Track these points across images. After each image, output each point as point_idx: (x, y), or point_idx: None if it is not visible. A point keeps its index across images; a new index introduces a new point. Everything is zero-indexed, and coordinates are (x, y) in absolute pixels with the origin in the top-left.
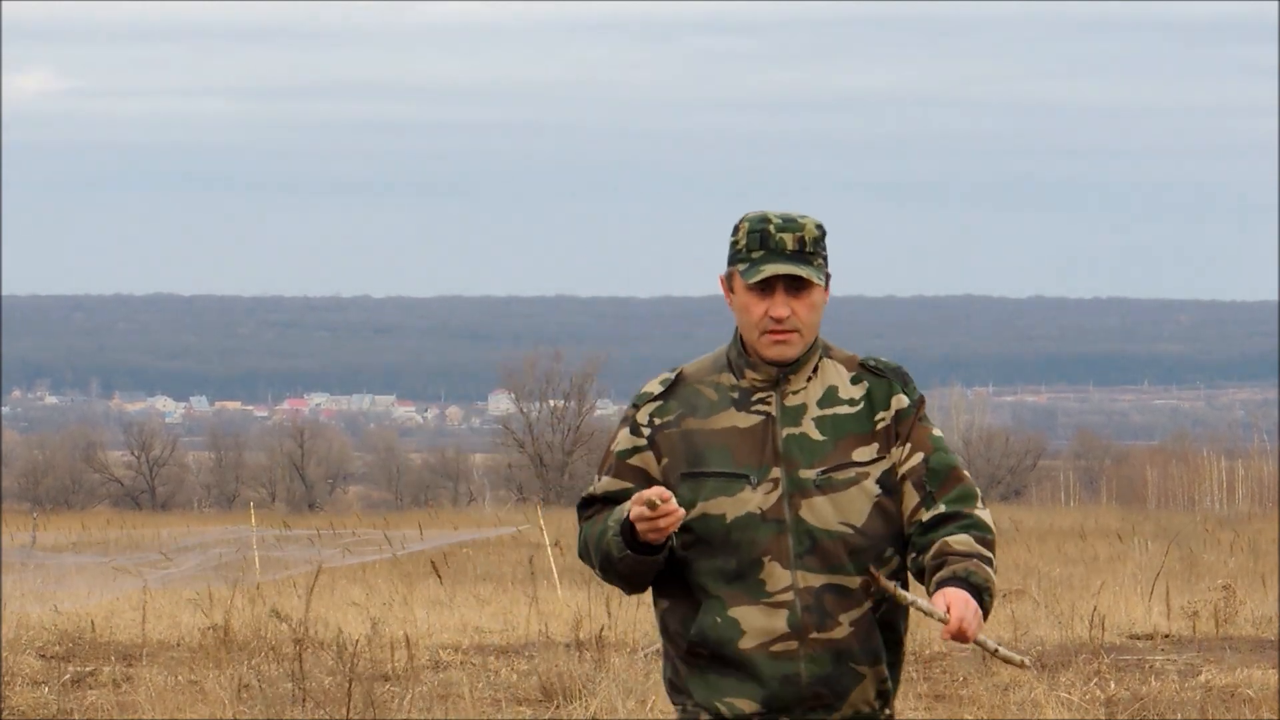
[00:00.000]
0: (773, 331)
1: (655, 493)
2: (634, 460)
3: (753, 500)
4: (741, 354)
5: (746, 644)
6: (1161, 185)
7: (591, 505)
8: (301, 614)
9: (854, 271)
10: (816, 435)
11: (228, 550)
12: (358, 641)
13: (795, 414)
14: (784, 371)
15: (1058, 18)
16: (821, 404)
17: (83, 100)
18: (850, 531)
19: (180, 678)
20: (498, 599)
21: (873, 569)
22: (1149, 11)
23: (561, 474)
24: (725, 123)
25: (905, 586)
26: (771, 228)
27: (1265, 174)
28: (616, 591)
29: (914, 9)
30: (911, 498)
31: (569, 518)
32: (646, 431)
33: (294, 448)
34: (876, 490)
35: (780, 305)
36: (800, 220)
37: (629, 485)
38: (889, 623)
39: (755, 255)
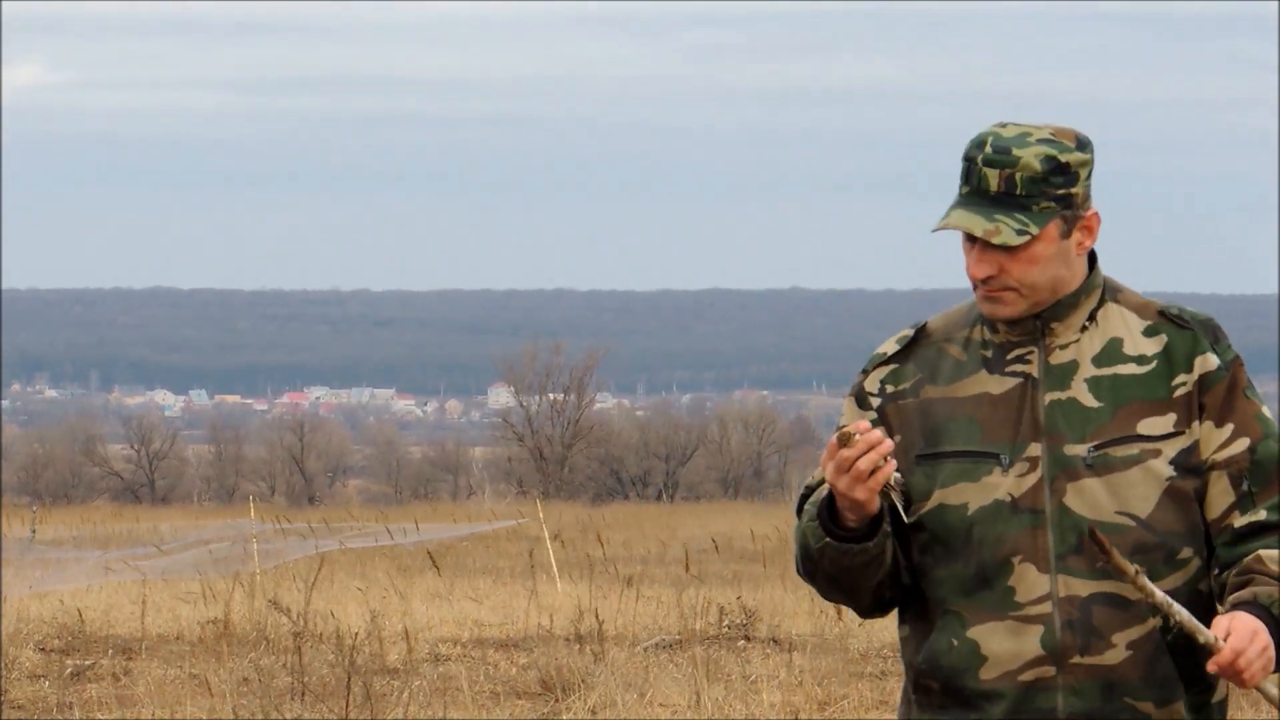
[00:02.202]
0: (982, 288)
1: (850, 425)
2: None
3: (1002, 485)
4: None
5: (988, 673)
6: (1160, 178)
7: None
8: (301, 607)
9: (852, 267)
10: (1090, 401)
11: (223, 547)
12: (357, 635)
13: (1063, 374)
14: (1047, 320)
15: (1052, 11)
16: (1099, 361)
17: (76, 93)
18: (1131, 524)
19: (180, 671)
20: (497, 592)
21: (1096, 530)
22: (1148, 8)
23: (561, 467)
24: (724, 117)
25: (1204, 603)
26: (981, 157)
27: (1266, 167)
28: (616, 585)
29: (908, 3)
30: (1223, 495)
31: (569, 511)
32: (876, 402)
33: (294, 441)
34: (1169, 473)
35: (978, 261)
36: (1017, 153)
37: None
38: (1186, 648)
39: (961, 191)
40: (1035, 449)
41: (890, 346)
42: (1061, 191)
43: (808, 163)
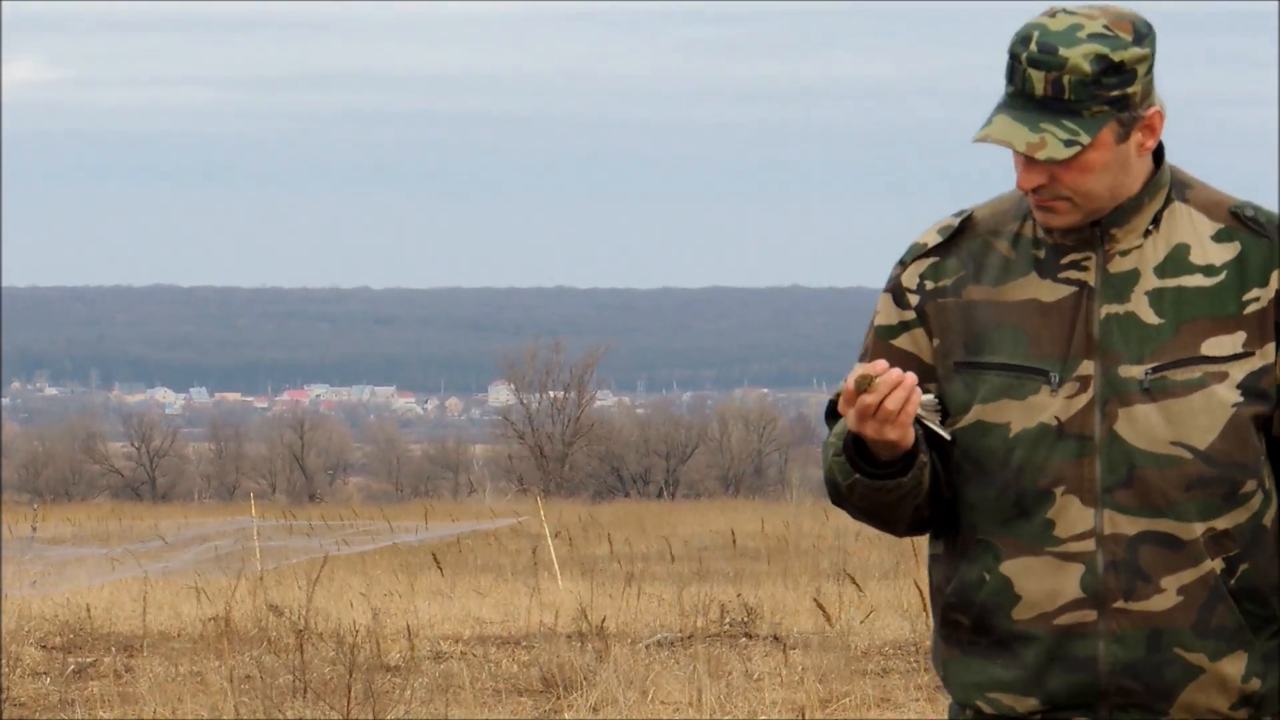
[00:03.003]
0: (1034, 197)
1: (866, 368)
2: (900, 341)
3: (1050, 407)
4: None
5: (1022, 613)
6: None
7: (836, 415)
8: (302, 605)
9: (852, 265)
10: (1150, 316)
11: (226, 544)
12: (358, 632)
13: (1122, 284)
14: (1107, 226)
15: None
16: (1163, 270)
17: (75, 90)
18: (1188, 455)
19: (181, 669)
20: (498, 590)
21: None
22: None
23: (562, 465)
24: (725, 114)
25: (1269, 540)
26: (1025, 55)
27: (1265, 164)
28: (619, 582)
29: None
30: None
31: (569, 508)
32: (915, 300)
33: (294, 439)
34: (1236, 398)
35: (1026, 170)
36: (1064, 53)
37: None
38: (1251, 591)
39: (1006, 91)
40: (1088, 367)
41: (932, 236)
42: (1116, 93)
43: (808, 160)
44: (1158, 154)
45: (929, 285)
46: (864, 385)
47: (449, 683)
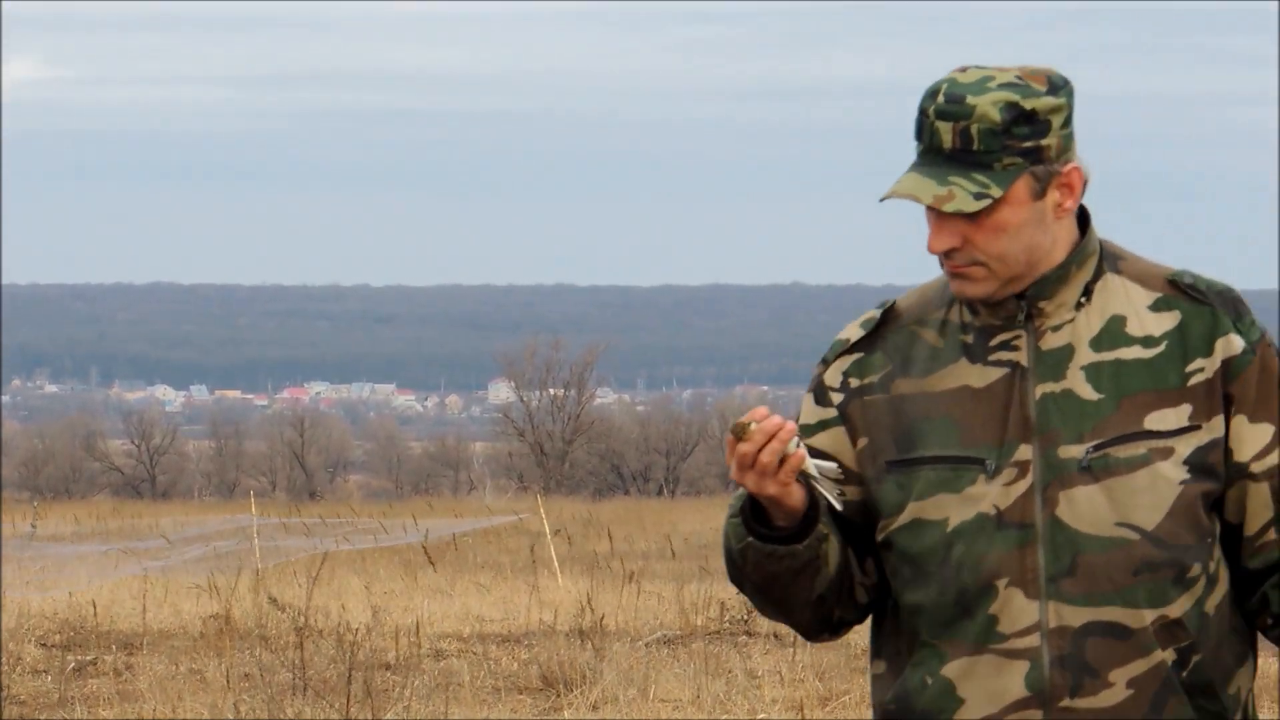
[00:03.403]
0: (947, 264)
1: (748, 415)
2: (818, 440)
3: (987, 496)
4: None
5: (965, 715)
6: (1158, 173)
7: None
8: (302, 603)
9: (852, 262)
10: (1089, 392)
11: (225, 542)
12: (358, 630)
13: (1057, 361)
14: (1033, 299)
15: (1050, 7)
16: (1099, 344)
17: (74, 88)
18: (1135, 537)
19: (181, 667)
20: (498, 587)
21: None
22: (1147, 5)
23: (562, 463)
24: (726, 112)
25: (1215, 627)
26: (933, 108)
27: (1265, 161)
28: (618, 580)
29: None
30: (1264, 510)
31: (569, 506)
32: (838, 398)
33: (294, 436)
34: (1183, 475)
35: (937, 232)
36: (972, 102)
37: None
38: (1204, 685)
39: (919, 150)
40: (1025, 451)
41: (854, 331)
42: (1029, 144)
43: (809, 159)
44: (1083, 221)
45: (853, 383)
46: (739, 433)
47: (449, 681)
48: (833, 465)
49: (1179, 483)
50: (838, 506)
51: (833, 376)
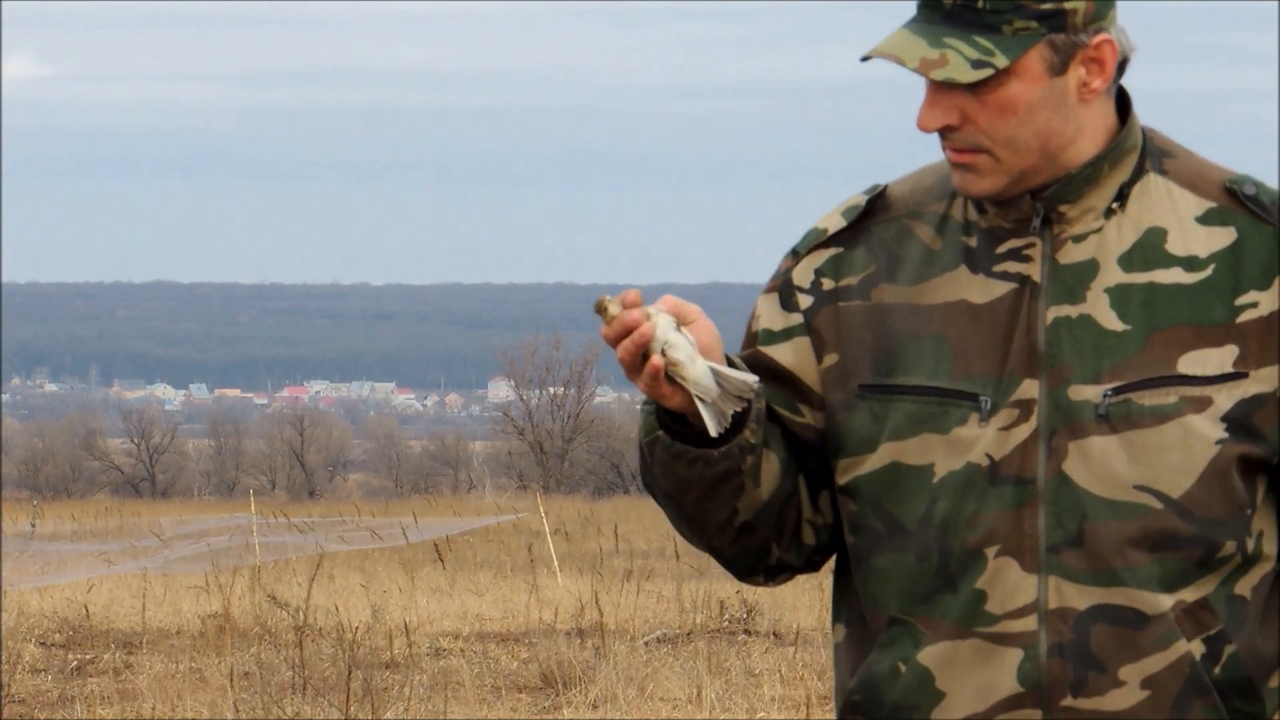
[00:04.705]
0: (947, 147)
1: (611, 299)
2: (775, 351)
3: (980, 442)
4: None
5: (946, 715)
6: None
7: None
8: (302, 601)
9: None
10: (1112, 321)
11: (224, 542)
12: (357, 629)
13: (1076, 279)
14: (1052, 201)
15: None
16: (1130, 262)
17: (74, 86)
18: (1157, 505)
19: (180, 665)
20: (498, 586)
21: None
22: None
23: (561, 461)
24: (726, 110)
25: (1242, 611)
26: None
27: (1266, 160)
28: (617, 579)
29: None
30: None
31: (569, 505)
32: (805, 302)
33: (294, 435)
34: (1220, 433)
35: (929, 105)
36: None
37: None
38: (1241, 683)
39: (916, 4)
40: (1030, 389)
41: (833, 220)
42: (1049, 5)
43: (809, 156)
44: (1124, 108)
45: (826, 284)
46: (599, 310)
47: (448, 679)
48: (745, 379)
49: (1215, 442)
50: (712, 433)
51: (802, 274)
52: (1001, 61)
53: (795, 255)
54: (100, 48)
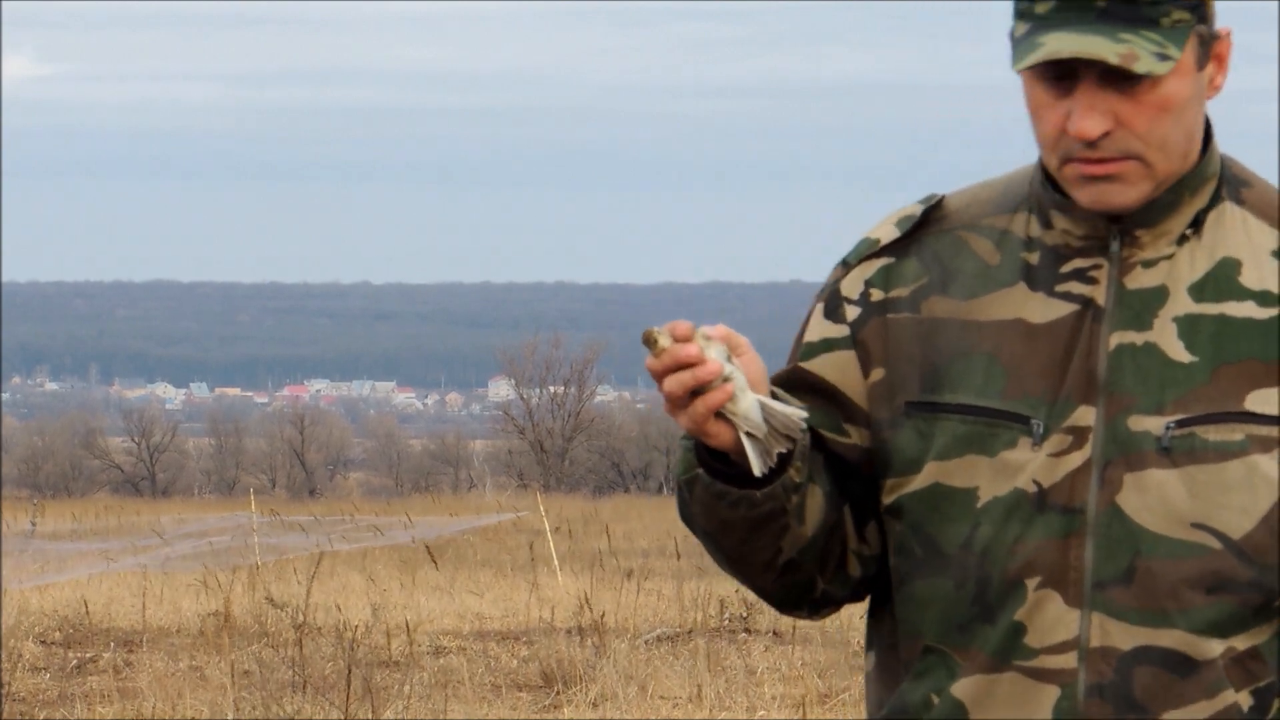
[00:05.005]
0: (1083, 160)
1: (661, 329)
2: (816, 364)
3: (1028, 467)
4: (1049, 186)
5: None
6: None
7: None
8: (302, 600)
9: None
10: (1179, 352)
11: (224, 541)
12: (357, 628)
13: (1143, 305)
14: (1135, 222)
15: None
16: (1201, 293)
17: (74, 86)
18: (1215, 545)
19: (181, 664)
20: (498, 585)
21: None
22: None
23: (562, 460)
24: (726, 109)
25: None
26: None
27: (1267, 158)
28: (617, 577)
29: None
30: None
31: (569, 504)
32: (853, 314)
33: (294, 434)
34: None
35: (1086, 111)
36: None
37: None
38: None
39: (1032, 9)
40: (1086, 415)
41: (887, 230)
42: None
43: (809, 155)
44: (1205, 132)
45: (875, 295)
46: (648, 344)
47: (448, 678)
48: (796, 415)
49: None
50: (756, 472)
51: (851, 285)
52: (1175, 53)
53: (845, 266)
54: (100, 47)
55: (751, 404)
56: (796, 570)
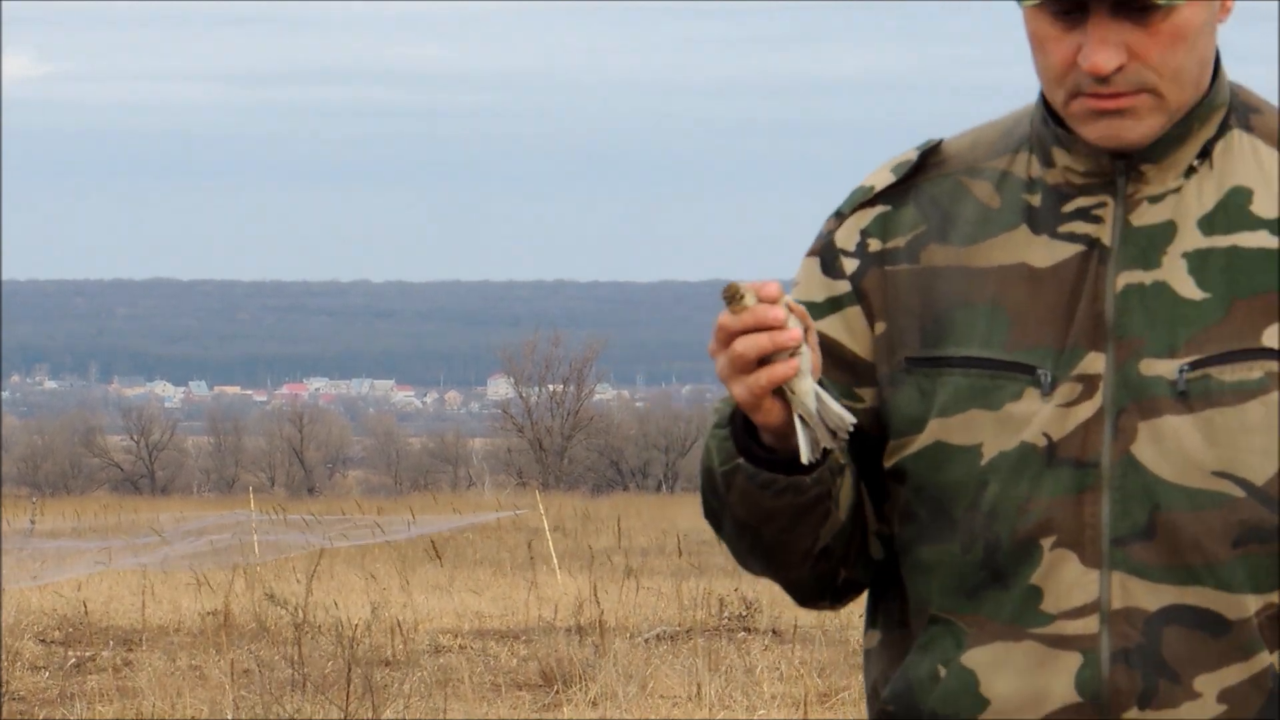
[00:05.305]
0: (1093, 95)
1: (748, 285)
2: (826, 325)
3: (1036, 419)
4: (1050, 122)
5: None
6: None
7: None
8: (301, 599)
9: None
10: (1190, 289)
11: (224, 539)
12: (357, 626)
13: (1150, 242)
14: (1141, 156)
15: None
16: (1211, 225)
17: (74, 85)
18: (1239, 493)
19: (180, 663)
20: (497, 583)
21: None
22: None
23: (561, 458)
24: (725, 108)
25: None
26: None
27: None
28: (617, 576)
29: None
30: None
31: (568, 502)
32: (853, 265)
33: (293, 432)
34: None
35: (1100, 43)
36: None
37: None
38: None
39: None
40: (1095, 362)
41: (882, 176)
42: None
43: (808, 154)
44: (1215, 59)
45: (873, 245)
46: (731, 297)
47: (447, 677)
48: (848, 416)
49: None
50: (805, 459)
51: (847, 236)
52: None
53: (839, 216)
54: (100, 46)
55: (809, 389)
56: (828, 557)
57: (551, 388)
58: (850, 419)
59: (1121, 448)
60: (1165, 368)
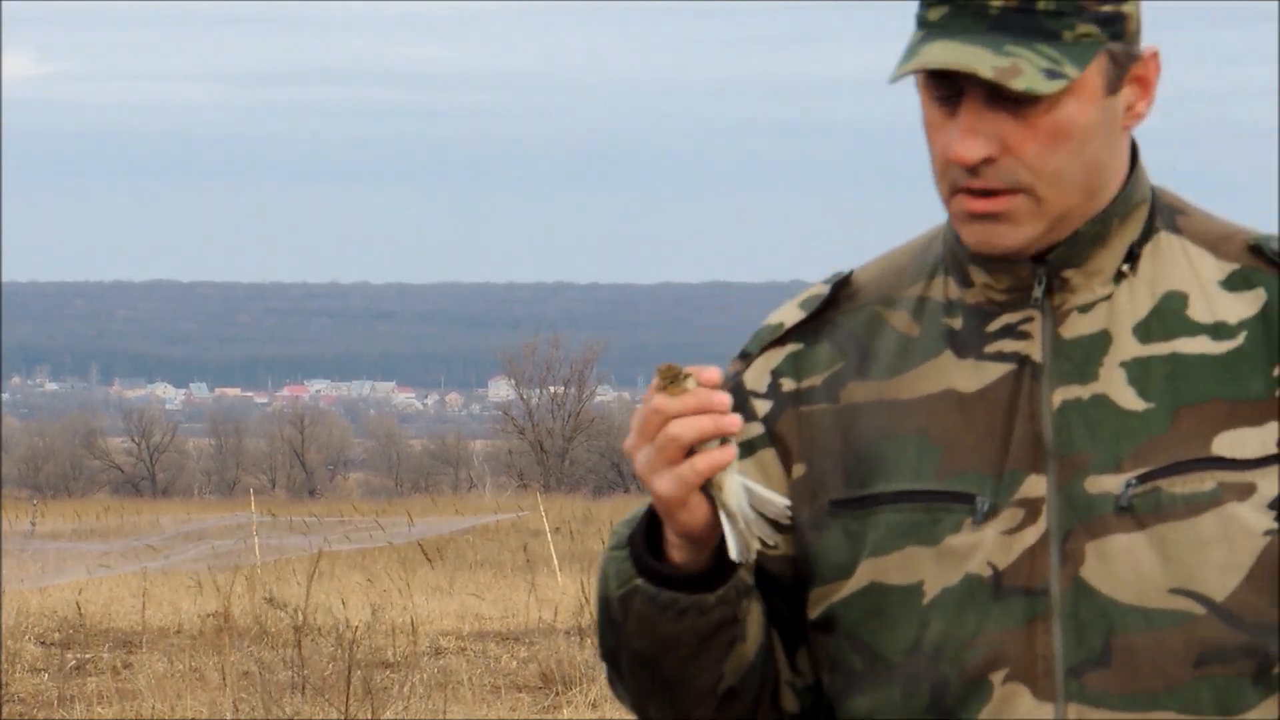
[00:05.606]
0: (967, 191)
1: (689, 368)
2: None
3: (979, 550)
4: (962, 240)
5: None
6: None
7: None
8: (301, 601)
9: (852, 259)
10: (1131, 400)
11: (224, 542)
12: (357, 628)
13: (1086, 355)
14: (1057, 265)
15: None
16: (1148, 332)
17: (74, 86)
18: (1199, 610)
19: (180, 665)
20: (497, 585)
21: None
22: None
23: (562, 460)
24: (726, 109)
25: None
26: None
27: (1264, 160)
28: None
29: None
30: None
31: (569, 504)
32: (764, 409)
33: (294, 434)
34: (1268, 523)
35: (968, 132)
36: None
37: None
38: None
39: (932, 15)
40: (1036, 485)
41: (790, 313)
42: (1109, 8)
43: (808, 155)
44: (1133, 151)
45: (786, 385)
46: (668, 378)
47: (448, 679)
48: (780, 503)
49: (1263, 533)
50: (735, 558)
51: (756, 377)
52: (1073, 72)
53: (745, 357)
54: (100, 46)
55: (738, 484)
56: (735, 701)
57: (552, 389)
58: (785, 502)
59: (1070, 572)
60: (1111, 483)
